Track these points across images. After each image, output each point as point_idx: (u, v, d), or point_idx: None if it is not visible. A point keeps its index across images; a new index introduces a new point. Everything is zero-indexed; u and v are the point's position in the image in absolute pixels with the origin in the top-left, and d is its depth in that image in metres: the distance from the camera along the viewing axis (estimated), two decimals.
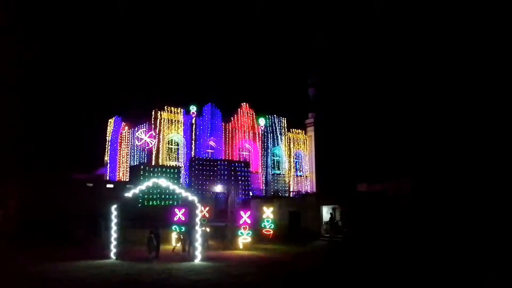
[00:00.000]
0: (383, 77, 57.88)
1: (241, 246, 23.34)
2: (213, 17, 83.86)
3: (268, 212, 26.38)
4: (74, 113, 56.73)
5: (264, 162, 47.57)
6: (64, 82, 63.01)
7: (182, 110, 43.01)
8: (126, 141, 45.84)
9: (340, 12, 77.70)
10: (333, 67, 68.11)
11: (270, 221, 26.33)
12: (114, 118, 48.19)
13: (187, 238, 20.73)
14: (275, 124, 49.45)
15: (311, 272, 16.54)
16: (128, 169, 42.79)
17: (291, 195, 46.06)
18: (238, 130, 46.39)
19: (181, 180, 37.20)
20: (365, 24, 71.91)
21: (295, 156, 51.16)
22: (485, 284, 14.39)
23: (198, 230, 19.01)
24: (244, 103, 47.87)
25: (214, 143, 44.51)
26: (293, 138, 51.07)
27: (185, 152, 42.36)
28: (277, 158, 49.66)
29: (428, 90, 50.16)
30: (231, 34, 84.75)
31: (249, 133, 47.11)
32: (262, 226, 26.29)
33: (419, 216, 25.85)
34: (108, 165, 47.57)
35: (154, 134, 40.24)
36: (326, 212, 31.31)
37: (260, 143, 47.68)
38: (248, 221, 23.75)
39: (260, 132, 47.96)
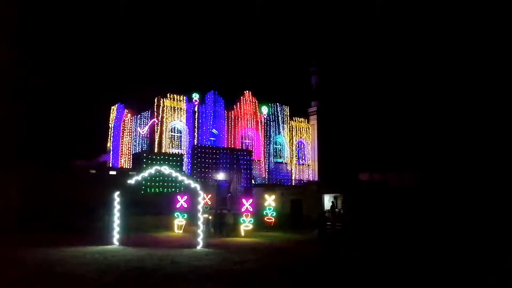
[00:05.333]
0: (387, 66, 57.42)
1: (243, 234, 23.55)
2: (216, 4, 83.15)
3: (270, 200, 26.53)
4: (76, 100, 56.80)
5: (266, 150, 47.62)
6: (67, 69, 62.90)
7: (185, 97, 42.97)
8: (128, 128, 45.92)
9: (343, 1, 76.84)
10: (336, 56, 67.61)
11: (272, 209, 26.50)
12: (116, 105, 48.24)
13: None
14: (277, 113, 49.36)
15: (310, 259, 16.69)
16: (131, 156, 42.95)
17: (293, 184, 46.20)
18: (241, 118, 46.34)
19: (183, 167, 37.33)
20: (368, 11, 71.09)
21: (297, 145, 51.15)
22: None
23: (201, 217, 19.17)
24: (247, 91, 47.71)
25: (216, 131, 44.54)
26: (296, 127, 51.00)
27: (188, 140, 42.44)
28: (279, 146, 49.67)
29: (432, 81, 49.79)
30: (234, 21, 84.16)
31: (251, 121, 47.06)
32: (264, 213, 26.48)
33: (420, 207, 25.93)
34: (111, 152, 47.75)
35: (156, 121, 40.29)
36: (327, 201, 31.51)
37: (262, 132, 47.66)
38: (250, 208, 23.92)
39: (263, 120, 47.90)
